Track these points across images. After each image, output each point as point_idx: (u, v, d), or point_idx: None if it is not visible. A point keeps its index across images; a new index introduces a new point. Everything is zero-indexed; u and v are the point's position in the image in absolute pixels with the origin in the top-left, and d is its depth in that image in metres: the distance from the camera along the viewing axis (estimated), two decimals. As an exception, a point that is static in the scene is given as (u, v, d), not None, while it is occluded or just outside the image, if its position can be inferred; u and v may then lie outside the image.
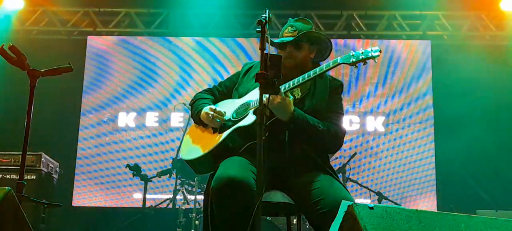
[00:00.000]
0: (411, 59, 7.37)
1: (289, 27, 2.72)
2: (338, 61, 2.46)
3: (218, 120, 2.65)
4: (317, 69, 2.50)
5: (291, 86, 2.53)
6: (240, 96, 2.77)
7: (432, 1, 7.30)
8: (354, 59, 2.42)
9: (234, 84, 2.88)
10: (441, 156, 7.04)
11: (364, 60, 2.40)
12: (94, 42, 7.49)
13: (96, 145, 7.19)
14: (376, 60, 2.40)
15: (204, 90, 2.97)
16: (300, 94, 2.65)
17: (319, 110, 2.62)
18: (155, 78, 7.36)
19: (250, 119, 2.53)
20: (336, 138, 2.63)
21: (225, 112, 2.70)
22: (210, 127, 2.76)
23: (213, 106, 2.72)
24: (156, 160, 7.04)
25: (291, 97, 2.51)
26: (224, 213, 2.33)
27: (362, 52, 2.40)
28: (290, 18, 2.79)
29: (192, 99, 2.92)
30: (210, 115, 2.67)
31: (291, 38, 2.66)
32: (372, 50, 2.38)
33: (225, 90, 2.91)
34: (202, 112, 2.73)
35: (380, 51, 2.38)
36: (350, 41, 7.47)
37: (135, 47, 7.47)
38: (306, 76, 2.51)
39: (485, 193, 6.84)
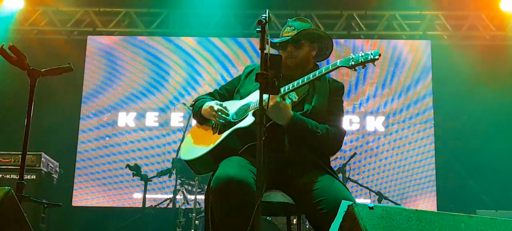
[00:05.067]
0: (411, 60, 7.37)
1: (288, 28, 2.71)
2: (338, 64, 2.44)
3: (222, 115, 2.63)
4: (317, 72, 2.49)
5: (290, 88, 2.51)
6: (241, 98, 2.76)
7: (432, 1, 7.30)
8: (353, 62, 2.40)
9: (235, 87, 2.87)
10: (441, 156, 7.04)
11: (363, 63, 2.38)
12: (95, 42, 7.50)
13: (97, 145, 7.19)
14: (375, 64, 2.38)
15: (205, 93, 2.96)
16: (297, 97, 2.63)
17: (319, 113, 2.59)
18: (155, 78, 7.36)
19: (249, 120, 2.52)
20: (335, 140, 2.61)
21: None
22: (210, 128, 2.76)
23: (219, 102, 2.72)
24: (158, 162, 7.04)
25: (289, 100, 2.49)
26: (224, 213, 2.31)
27: (362, 55, 2.38)
28: (288, 19, 2.77)
29: (194, 101, 2.92)
30: (214, 108, 2.65)
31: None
32: (371, 53, 2.36)
33: (226, 93, 2.90)
34: (206, 106, 2.71)
35: (380, 55, 2.36)
36: (350, 41, 7.47)
37: (135, 47, 7.46)
38: (305, 79, 2.49)
39: (485, 193, 6.84)
